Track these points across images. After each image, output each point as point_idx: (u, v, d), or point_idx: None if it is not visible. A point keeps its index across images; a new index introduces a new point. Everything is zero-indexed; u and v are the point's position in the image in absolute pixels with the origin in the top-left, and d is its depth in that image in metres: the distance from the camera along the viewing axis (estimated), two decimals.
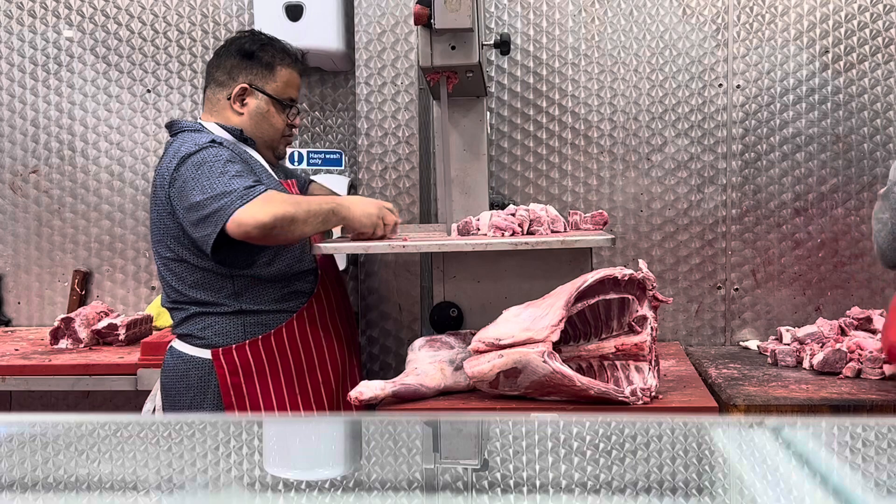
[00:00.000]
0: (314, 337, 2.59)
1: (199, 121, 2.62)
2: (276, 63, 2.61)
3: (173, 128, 2.60)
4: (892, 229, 2.21)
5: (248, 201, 2.32)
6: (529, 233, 2.57)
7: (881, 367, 2.60)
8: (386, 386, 2.32)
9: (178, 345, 2.53)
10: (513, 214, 2.56)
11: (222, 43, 2.69)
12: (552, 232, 2.59)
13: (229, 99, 2.58)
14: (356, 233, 2.53)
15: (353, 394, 2.29)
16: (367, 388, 2.30)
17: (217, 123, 2.58)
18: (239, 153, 2.49)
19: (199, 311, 2.50)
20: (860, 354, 2.66)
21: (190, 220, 2.38)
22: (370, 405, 2.31)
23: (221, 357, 2.46)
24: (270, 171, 2.60)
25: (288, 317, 2.54)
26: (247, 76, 2.58)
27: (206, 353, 2.47)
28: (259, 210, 2.31)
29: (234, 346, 2.48)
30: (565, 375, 2.20)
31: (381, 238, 2.53)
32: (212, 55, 2.69)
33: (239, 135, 2.57)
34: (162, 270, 2.54)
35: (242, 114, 2.58)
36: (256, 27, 3.34)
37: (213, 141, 2.45)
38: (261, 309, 2.52)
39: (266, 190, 2.36)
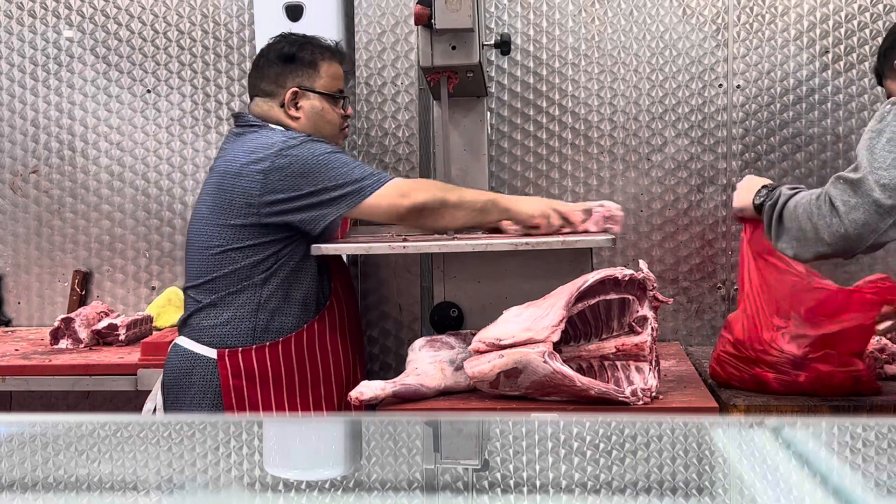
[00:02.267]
0: (321, 348, 2.56)
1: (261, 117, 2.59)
2: (318, 60, 2.58)
3: (242, 120, 2.58)
4: (866, 218, 2.14)
5: (383, 182, 2.40)
6: None
7: (882, 367, 2.61)
8: (386, 386, 2.32)
9: (184, 342, 2.50)
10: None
11: (258, 54, 2.65)
12: None
13: (282, 107, 2.55)
14: (526, 228, 2.50)
15: (354, 394, 2.29)
16: (368, 389, 2.30)
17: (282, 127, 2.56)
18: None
19: (219, 301, 2.47)
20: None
21: (297, 206, 2.39)
22: (371, 405, 2.31)
23: (227, 358, 2.44)
24: None
25: (299, 326, 2.52)
26: (294, 79, 2.55)
27: (211, 353, 2.45)
28: (415, 190, 2.41)
29: (240, 349, 2.45)
30: (566, 376, 2.20)
31: (558, 233, 2.48)
32: (212, 56, 2.70)
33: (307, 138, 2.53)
34: (199, 256, 2.50)
35: (299, 118, 2.56)
36: (256, 27, 3.34)
37: (309, 136, 2.48)
38: (275, 316, 2.49)
39: (393, 177, 2.46)
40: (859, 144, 2.25)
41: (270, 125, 2.53)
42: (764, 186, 2.41)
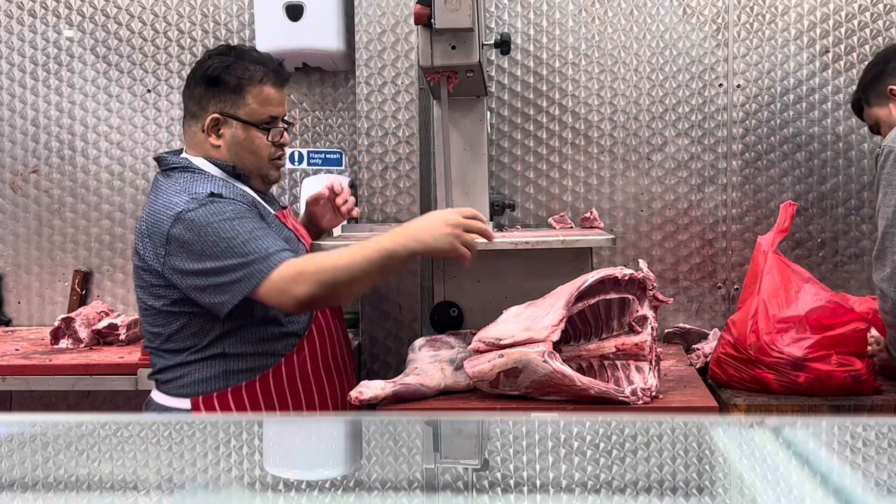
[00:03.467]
0: (304, 382, 2.35)
1: (184, 155, 2.37)
2: (244, 83, 2.32)
3: (162, 164, 2.37)
4: None
5: (273, 268, 2.12)
6: None
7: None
8: (386, 386, 2.32)
9: (157, 396, 2.33)
10: None
11: (192, 67, 2.42)
12: None
13: (204, 132, 2.33)
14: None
15: (354, 393, 2.29)
16: (368, 388, 2.30)
17: (205, 158, 2.35)
18: (243, 200, 2.28)
19: (180, 360, 2.27)
20: None
21: (195, 284, 2.17)
22: (371, 405, 2.31)
23: (201, 405, 2.25)
24: (269, 208, 2.38)
25: (275, 360, 2.30)
26: (216, 104, 2.32)
27: (185, 403, 2.26)
28: (294, 285, 2.11)
29: (214, 393, 2.26)
30: (566, 375, 2.20)
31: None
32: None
33: (231, 171, 2.34)
34: (143, 314, 2.32)
35: (220, 146, 2.33)
36: (257, 27, 3.34)
37: (212, 194, 2.22)
38: (244, 352, 2.27)
39: (289, 256, 2.15)
40: (881, 211, 2.29)
41: (179, 169, 2.31)
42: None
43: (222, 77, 2.32)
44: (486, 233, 2.22)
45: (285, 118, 2.43)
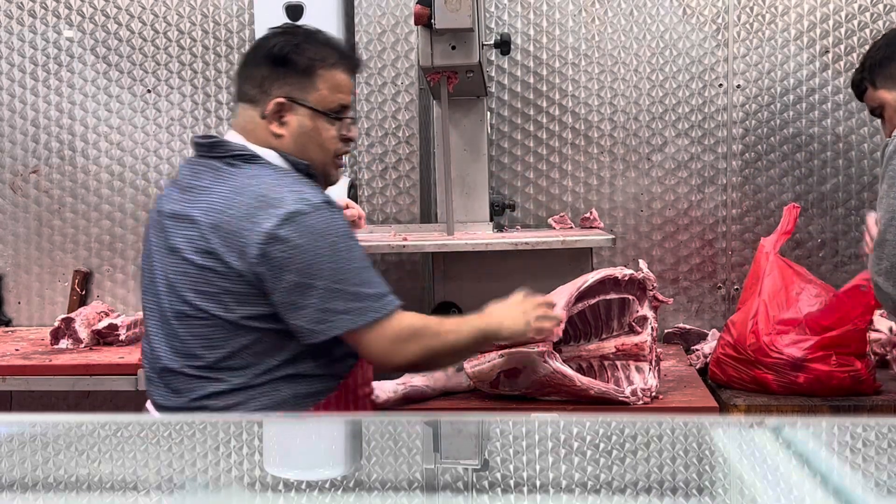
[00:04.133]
0: (354, 405, 2.11)
1: (242, 143, 2.03)
2: (315, 66, 2.04)
3: (222, 150, 2.02)
4: None
5: (387, 313, 1.92)
6: None
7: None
8: (397, 388, 2.34)
9: None
10: None
11: (248, 49, 2.17)
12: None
13: (264, 118, 2.03)
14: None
15: None
16: (381, 391, 2.31)
17: (272, 150, 2.03)
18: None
19: (243, 381, 1.93)
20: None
21: (292, 301, 1.89)
22: (383, 407, 2.32)
23: None
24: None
25: (336, 383, 2.05)
26: (282, 87, 2.03)
27: None
28: (406, 344, 1.94)
29: None
30: (566, 375, 2.20)
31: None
32: (212, 55, 2.57)
33: (305, 169, 2.04)
34: (190, 325, 1.94)
35: (282, 135, 2.03)
36: (257, 27, 3.34)
37: (327, 201, 1.95)
38: (314, 374, 2.00)
39: (397, 301, 1.96)
40: (884, 202, 2.22)
41: (261, 158, 2.01)
42: None
43: (291, 57, 2.04)
44: (555, 320, 2.16)
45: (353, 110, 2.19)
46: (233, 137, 2.05)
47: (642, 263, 2.38)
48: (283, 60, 2.04)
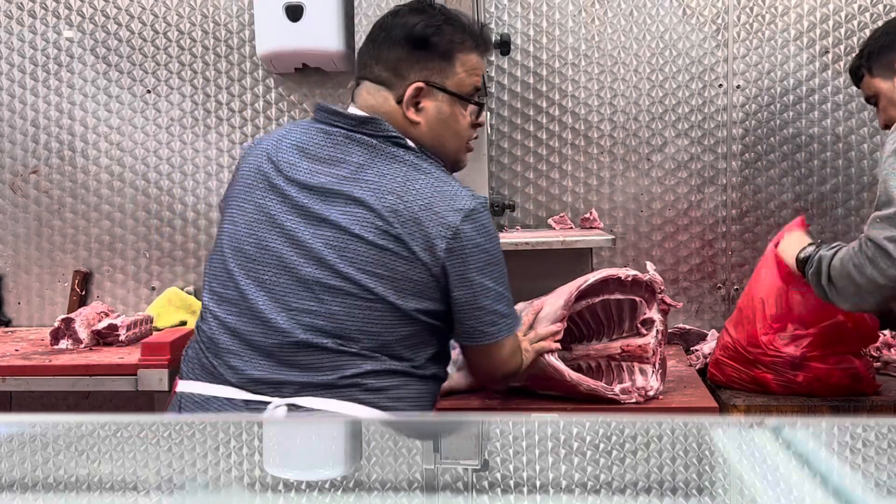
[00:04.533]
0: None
1: (395, 130, 1.93)
2: (454, 49, 1.94)
3: (374, 127, 1.91)
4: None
5: (519, 322, 2.00)
6: None
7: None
8: None
9: (354, 408, 1.84)
10: None
11: (378, 25, 2.01)
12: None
13: (399, 103, 1.93)
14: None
15: None
16: None
17: (411, 141, 1.93)
18: None
19: (398, 368, 1.87)
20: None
21: (469, 300, 1.87)
22: None
23: None
24: None
25: (438, 386, 2.03)
26: (421, 71, 1.92)
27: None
28: (512, 359, 2.01)
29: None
30: (557, 370, 2.22)
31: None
32: (212, 56, 2.54)
33: (439, 165, 1.96)
34: (333, 305, 1.84)
35: (419, 123, 1.94)
36: (256, 28, 3.34)
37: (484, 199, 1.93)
38: (440, 375, 2.00)
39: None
40: (882, 177, 2.18)
41: (409, 145, 1.92)
42: (803, 253, 2.31)
43: (432, 40, 1.93)
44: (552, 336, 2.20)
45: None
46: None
47: (650, 266, 2.38)
48: (424, 43, 1.93)
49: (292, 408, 1.82)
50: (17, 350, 3.05)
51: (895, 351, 2.79)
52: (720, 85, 3.36)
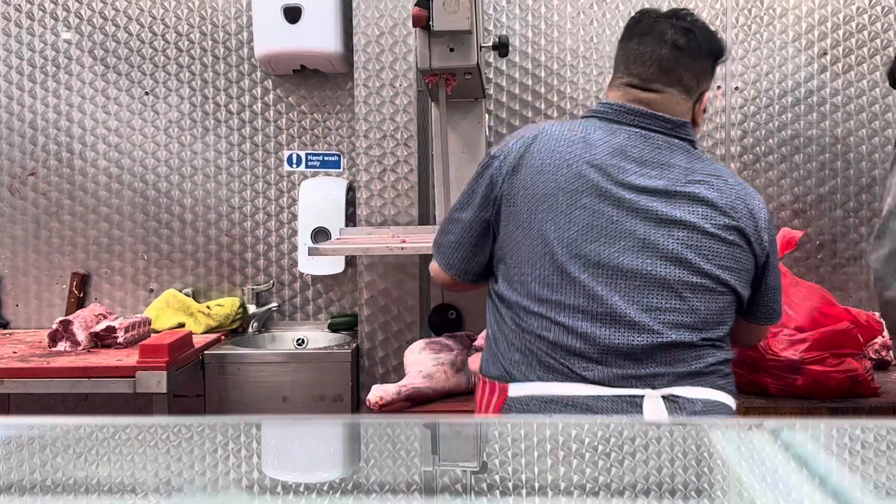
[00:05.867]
0: None
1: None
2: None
3: (686, 132, 2.02)
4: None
5: None
6: None
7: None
8: (400, 390, 2.34)
9: (713, 394, 1.93)
10: None
11: (683, 33, 2.02)
12: None
13: (693, 109, 2.05)
14: None
15: (372, 398, 2.31)
16: (385, 393, 2.32)
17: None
18: None
19: (730, 355, 1.99)
20: None
21: (777, 286, 2.06)
22: (388, 409, 2.32)
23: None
24: None
25: None
26: (707, 81, 2.06)
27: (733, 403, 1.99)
28: None
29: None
30: None
31: None
32: (210, 57, 2.58)
33: None
34: (696, 302, 1.91)
35: (698, 124, 2.09)
36: (255, 29, 3.34)
37: None
38: None
39: None
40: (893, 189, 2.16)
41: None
42: None
43: (725, 53, 2.10)
44: None
45: None
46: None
47: None
48: (721, 55, 2.06)
49: (667, 399, 1.88)
50: (14, 352, 3.05)
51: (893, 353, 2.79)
52: (718, 87, 3.37)
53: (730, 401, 1.94)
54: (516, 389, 1.90)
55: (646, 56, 2.01)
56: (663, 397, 1.87)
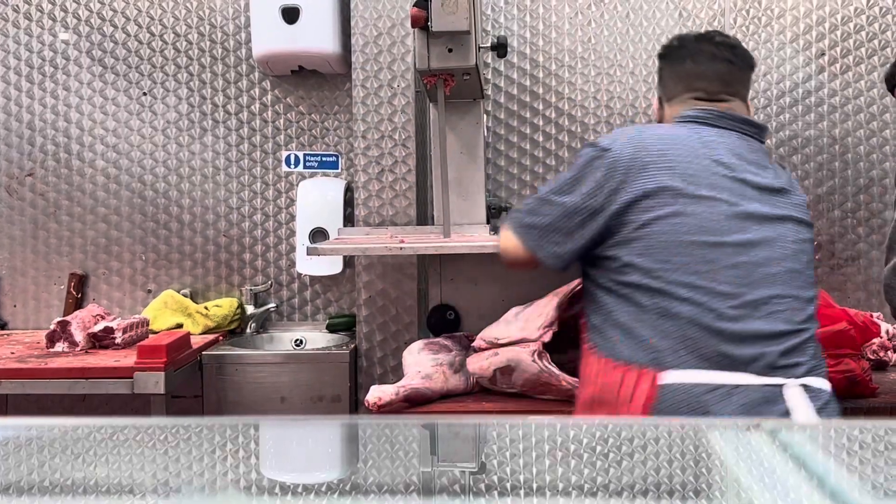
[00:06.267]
0: None
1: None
2: None
3: (765, 136, 2.19)
4: None
5: None
6: None
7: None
8: (399, 390, 2.34)
9: (817, 381, 1.99)
10: None
11: (732, 51, 2.20)
12: None
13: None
14: None
15: (371, 399, 2.31)
16: (384, 393, 2.32)
17: None
18: None
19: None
20: None
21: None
22: (387, 410, 2.32)
23: None
24: None
25: None
26: (749, 88, 2.25)
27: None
28: None
29: None
30: (552, 374, 2.21)
31: None
32: (208, 58, 2.59)
33: None
34: (809, 292, 2.04)
35: None
36: (252, 30, 3.34)
37: None
38: None
39: None
40: None
41: None
42: None
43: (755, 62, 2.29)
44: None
45: None
46: None
47: None
48: (755, 67, 2.25)
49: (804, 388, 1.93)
50: (12, 353, 3.05)
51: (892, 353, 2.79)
52: None
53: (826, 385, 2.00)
54: (668, 377, 1.90)
55: (708, 73, 2.15)
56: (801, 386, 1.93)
